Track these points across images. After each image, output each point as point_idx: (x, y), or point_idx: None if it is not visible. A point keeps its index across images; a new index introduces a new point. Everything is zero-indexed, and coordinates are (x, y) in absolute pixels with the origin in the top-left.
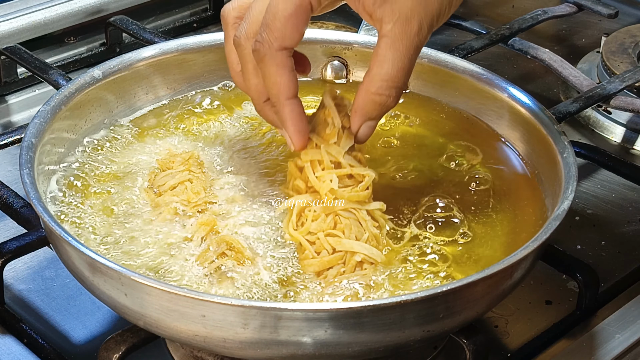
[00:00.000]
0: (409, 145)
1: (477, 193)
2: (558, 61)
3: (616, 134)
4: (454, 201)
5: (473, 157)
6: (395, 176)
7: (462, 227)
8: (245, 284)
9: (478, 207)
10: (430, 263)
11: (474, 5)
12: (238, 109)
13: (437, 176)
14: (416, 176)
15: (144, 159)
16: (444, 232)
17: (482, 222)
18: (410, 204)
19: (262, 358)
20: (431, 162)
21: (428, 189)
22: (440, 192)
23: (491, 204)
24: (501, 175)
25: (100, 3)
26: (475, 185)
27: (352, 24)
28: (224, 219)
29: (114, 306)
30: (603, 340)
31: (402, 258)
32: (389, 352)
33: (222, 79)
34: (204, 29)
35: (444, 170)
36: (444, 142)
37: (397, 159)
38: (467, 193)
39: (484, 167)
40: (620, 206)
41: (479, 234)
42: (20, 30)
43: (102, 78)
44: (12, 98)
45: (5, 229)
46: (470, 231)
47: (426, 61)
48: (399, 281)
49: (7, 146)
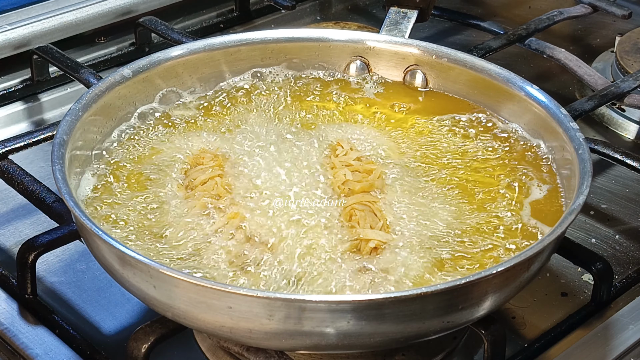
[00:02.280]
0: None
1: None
2: (573, 60)
3: (630, 131)
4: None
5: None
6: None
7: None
8: (270, 276)
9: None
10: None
11: (492, 6)
12: (266, 105)
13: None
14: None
15: (174, 154)
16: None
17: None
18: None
19: (287, 348)
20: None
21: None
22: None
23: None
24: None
25: (130, 4)
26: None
27: (374, 24)
28: (252, 212)
29: (143, 298)
30: (617, 331)
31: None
32: (410, 342)
33: (248, 77)
34: (230, 29)
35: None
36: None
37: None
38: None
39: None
40: (634, 201)
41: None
42: (52, 30)
43: (132, 76)
44: (44, 96)
45: (38, 223)
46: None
47: (446, 60)
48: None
49: (40, 143)
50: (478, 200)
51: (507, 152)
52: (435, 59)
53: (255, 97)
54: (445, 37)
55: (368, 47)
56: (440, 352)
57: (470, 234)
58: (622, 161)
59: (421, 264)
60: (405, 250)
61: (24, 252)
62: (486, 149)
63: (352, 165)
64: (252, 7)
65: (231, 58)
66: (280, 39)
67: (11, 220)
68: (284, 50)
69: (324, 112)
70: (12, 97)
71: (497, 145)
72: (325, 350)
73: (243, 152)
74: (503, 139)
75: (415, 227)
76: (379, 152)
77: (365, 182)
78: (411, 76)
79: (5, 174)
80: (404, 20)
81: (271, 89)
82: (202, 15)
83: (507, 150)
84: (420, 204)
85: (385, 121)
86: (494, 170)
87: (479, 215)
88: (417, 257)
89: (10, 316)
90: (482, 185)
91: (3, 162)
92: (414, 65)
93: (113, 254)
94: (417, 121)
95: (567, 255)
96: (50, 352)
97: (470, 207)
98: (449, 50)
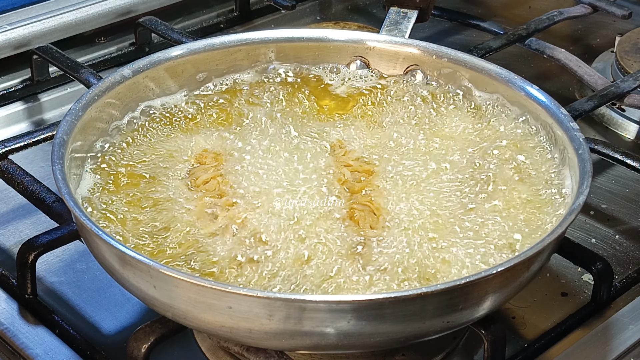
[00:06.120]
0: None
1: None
2: (573, 60)
3: (630, 131)
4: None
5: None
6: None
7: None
8: (271, 275)
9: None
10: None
11: (492, 6)
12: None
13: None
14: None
15: (175, 154)
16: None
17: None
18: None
19: (287, 348)
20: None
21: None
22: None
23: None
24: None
25: (130, 4)
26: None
27: (374, 24)
28: (254, 211)
29: (143, 298)
30: (617, 330)
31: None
32: (410, 342)
33: (248, 77)
34: (230, 29)
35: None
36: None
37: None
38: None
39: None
40: (633, 201)
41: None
42: (52, 30)
43: (132, 76)
44: (44, 96)
45: (38, 223)
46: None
47: (446, 60)
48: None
49: (40, 143)
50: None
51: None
52: (435, 59)
53: (255, 96)
54: (446, 37)
55: (368, 47)
56: (440, 352)
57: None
58: (622, 161)
59: (423, 259)
60: (407, 248)
61: (24, 252)
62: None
63: (351, 165)
64: (252, 7)
65: (231, 58)
66: (280, 39)
67: (11, 220)
68: (284, 50)
69: (324, 111)
70: (12, 97)
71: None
72: (326, 350)
73: (244, 152)
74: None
75: (415, 223)
76: (378, 151)
77: (365, 181)
78: (411, 76)
79: (5, 174)
80: (404, 20)
81: (271, 88)
82: (202, 15)
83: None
84: (422, 201)
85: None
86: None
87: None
88: (419, 253)
89: (10, 316)
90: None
91: (3, 162)
92: (414, 65)
93: (113, 254)
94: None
95: (567, 256)
96: (50, 352)
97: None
98: (449, 50)
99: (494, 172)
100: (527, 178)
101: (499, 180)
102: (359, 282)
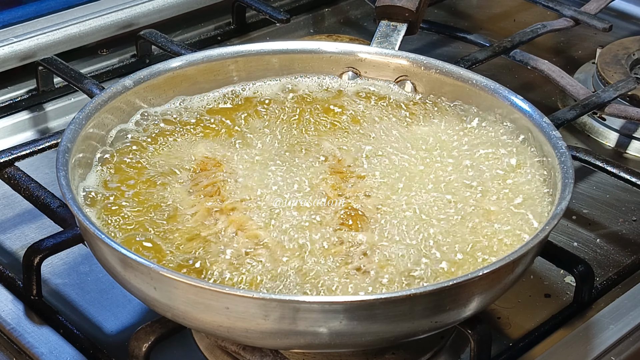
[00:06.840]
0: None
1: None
2: (556, 71)
3: (610, 139)
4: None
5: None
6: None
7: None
8: (269, 277)
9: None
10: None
11: (478, 20)
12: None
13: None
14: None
15: (177, 161)
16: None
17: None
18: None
19: (282, 347)
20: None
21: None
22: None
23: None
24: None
25: (131, 17)
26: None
27: (365, 37)
28: (253, 217)
29: (144, 299)
30: (598, 330)
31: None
32: (399, 342)
33: (245, 87)
34: (227, 42)
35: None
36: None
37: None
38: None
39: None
40: (614, 206)
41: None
42: (56, 42)
43: (133, 87)
44: (49, 106)
45: (43, 227)
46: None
47: (434, 71)
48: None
49: (45, 150)
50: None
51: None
52: (424, 70)
53: (252, 106)
54: (434, 49)
55: (360, 58)
56: (429, 351)
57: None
58: (603, 168)
59: (413, 262)
60: (398, 250)
61: (29, 255)
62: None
63: (343, 173)
64: (248, 20)
65: (228, 69)
66: (276, 50)
67: (17, 225)
68: (279, 62)
69: (318, 120)
70: (18, 106)
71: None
72: (319, 349)
73: (243, 160)
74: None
75: (407, 228)
76: (370, 159)
77: (357, 187)
78: (401, 86)
79: (12, 181)
80: (394, 33)
81: (267, 99)
82: (201, 28)
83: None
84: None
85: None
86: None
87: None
88: (411, 255)
89: (16, 317)
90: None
91: (9, 169)
92: (403, 75)
93: (115, 257)
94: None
95: (550, 258)
96: (55, 351)
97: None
98: (437, 62)
99: (479, 179)
100: (512, 185)
101: (486, 186)
102: (352, 283)
